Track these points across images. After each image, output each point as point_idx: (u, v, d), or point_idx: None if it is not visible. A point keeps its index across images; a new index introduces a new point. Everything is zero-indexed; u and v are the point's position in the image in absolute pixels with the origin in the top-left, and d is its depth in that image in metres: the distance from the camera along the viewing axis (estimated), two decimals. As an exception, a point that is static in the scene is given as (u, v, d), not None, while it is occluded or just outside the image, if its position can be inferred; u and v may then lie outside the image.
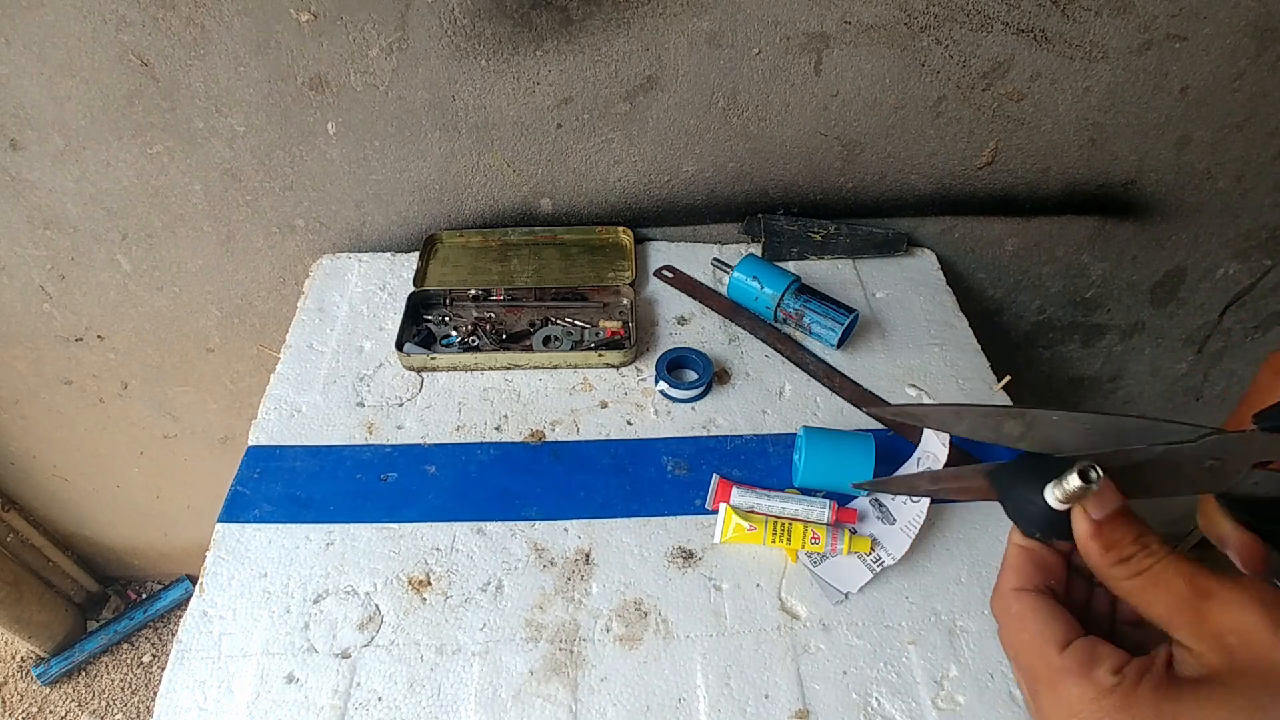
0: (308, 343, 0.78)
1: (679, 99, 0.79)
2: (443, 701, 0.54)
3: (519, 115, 0.80)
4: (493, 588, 0.60)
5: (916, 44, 0.76)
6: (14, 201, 0.85)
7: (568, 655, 0.56)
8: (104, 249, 0.91)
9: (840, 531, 0.61)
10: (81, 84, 0.75)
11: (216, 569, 0.61)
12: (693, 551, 0.62)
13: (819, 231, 0.86)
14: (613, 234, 0.88)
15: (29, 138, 0.80)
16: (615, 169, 0.85)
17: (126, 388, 1.10)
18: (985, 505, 0.63)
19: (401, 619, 0.58)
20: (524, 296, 0.81)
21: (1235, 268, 1.02)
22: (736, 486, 0.63)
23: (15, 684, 1.44)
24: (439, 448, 0.69)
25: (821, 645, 0.56)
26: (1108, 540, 0.28)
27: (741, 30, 0.74)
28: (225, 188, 0.85)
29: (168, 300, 0.98)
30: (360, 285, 0.85)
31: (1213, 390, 1.20)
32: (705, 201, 0.90)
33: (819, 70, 0.78)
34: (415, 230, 0.90)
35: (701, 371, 0.73)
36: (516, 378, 0.75)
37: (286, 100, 0.77)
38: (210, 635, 0.57)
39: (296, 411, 0.72)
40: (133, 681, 1.46)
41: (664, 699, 0.54)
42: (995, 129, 0.83)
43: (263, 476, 0.66)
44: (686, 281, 0.85)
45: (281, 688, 0.54)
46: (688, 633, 0.57)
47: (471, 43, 0.74)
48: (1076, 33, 0.76)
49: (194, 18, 0.71)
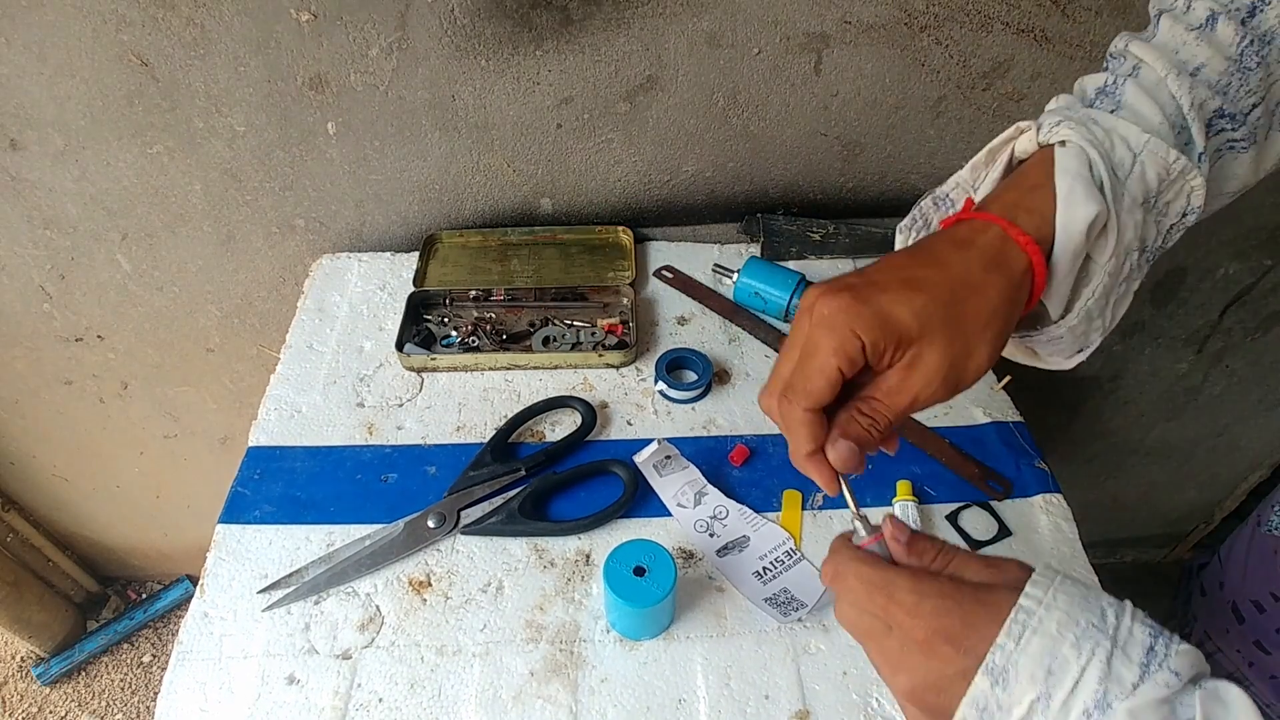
0: (308, 343, 0.78)
1: (679, 99, 0.79)
2: (443, 702, 0.54)
3: (519, 115, 0.80)
4: (493, 588, 0.60)
5: (916, 44, 0.76)
6: (14, 201, 0.85)
7: (568, 656, 0.56)
8: (104, 249, 0.91)
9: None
10: (81, 84, 0.75)
11: (217, 570, 0.61)
12: (693, 552, 0.62)
13: (818, 231, 0.86)
14: (613, 234, 0.88)
15: (29, 138, 0.80)
16: (615, 169, 0.85)
17: (126, 388, 1.10)
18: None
19: (402, 620, 0.58)
20: (524, 296, 0.81)
21: (1235, 267, 1.02)
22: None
23: (15, 684, 1.44)
24: (439, 448, 0.69)
25: (822, 646, 0.56)
26: (917, 550, 0.39)
27: (741, 30, 0.74)
28: (225, 188, 0.85)
29: (168, 300, 0.98)
30: (360, 285, 0.85)
31: (1212, 390, 1.21)
32: (705, 201, 0.89)
33: (819, 70, 0.78)
34: (415, 230, 0.90)
35: (701, 372, 0.73)
36: (516, 378, 0.75)
37: (286, 100, 0.77)
38: (211, 636, 0.57)
39: (296, 412, 0.72)
40: (133, 681, 1.46)
41: (664, 700, 0.54)
42: (995, 129, 0.83)
43: (263, 477, 0.66)
44: (686, 282, 0.85)
45: (282, 689, 0.54)
46: (688, 633, 0.57)
47: (471, 43, 0.74)
48: (1076, 33, 0.76)
49: (194, 18, 0.71)
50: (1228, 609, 0.82)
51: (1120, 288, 0.43)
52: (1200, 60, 0.43)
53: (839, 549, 0.40)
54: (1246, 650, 0.81)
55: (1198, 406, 1.23)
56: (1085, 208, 0.39)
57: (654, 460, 0.65)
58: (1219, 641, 0.84)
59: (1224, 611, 0.83)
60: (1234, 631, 0.82)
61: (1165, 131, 0.42)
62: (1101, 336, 0.44)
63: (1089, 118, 0.42)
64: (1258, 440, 1.30)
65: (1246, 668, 0.81)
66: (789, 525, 0.63)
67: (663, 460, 0.66)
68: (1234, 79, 0.42)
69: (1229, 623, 0.82)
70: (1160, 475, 1.37)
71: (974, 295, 0.39)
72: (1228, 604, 0.82)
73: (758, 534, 0.62)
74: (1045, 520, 0.63)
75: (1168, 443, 1.30)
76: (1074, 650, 0.32)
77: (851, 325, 0.39)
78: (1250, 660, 0.81)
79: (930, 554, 0.38)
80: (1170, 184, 0.41)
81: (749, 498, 0.65)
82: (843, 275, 0.41)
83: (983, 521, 0.63)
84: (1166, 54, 0.43)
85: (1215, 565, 0.86)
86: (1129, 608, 0.33)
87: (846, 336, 0.39)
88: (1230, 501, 1.44)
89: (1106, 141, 0.41)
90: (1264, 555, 0.79)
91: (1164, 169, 0.41)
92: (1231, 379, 1.19)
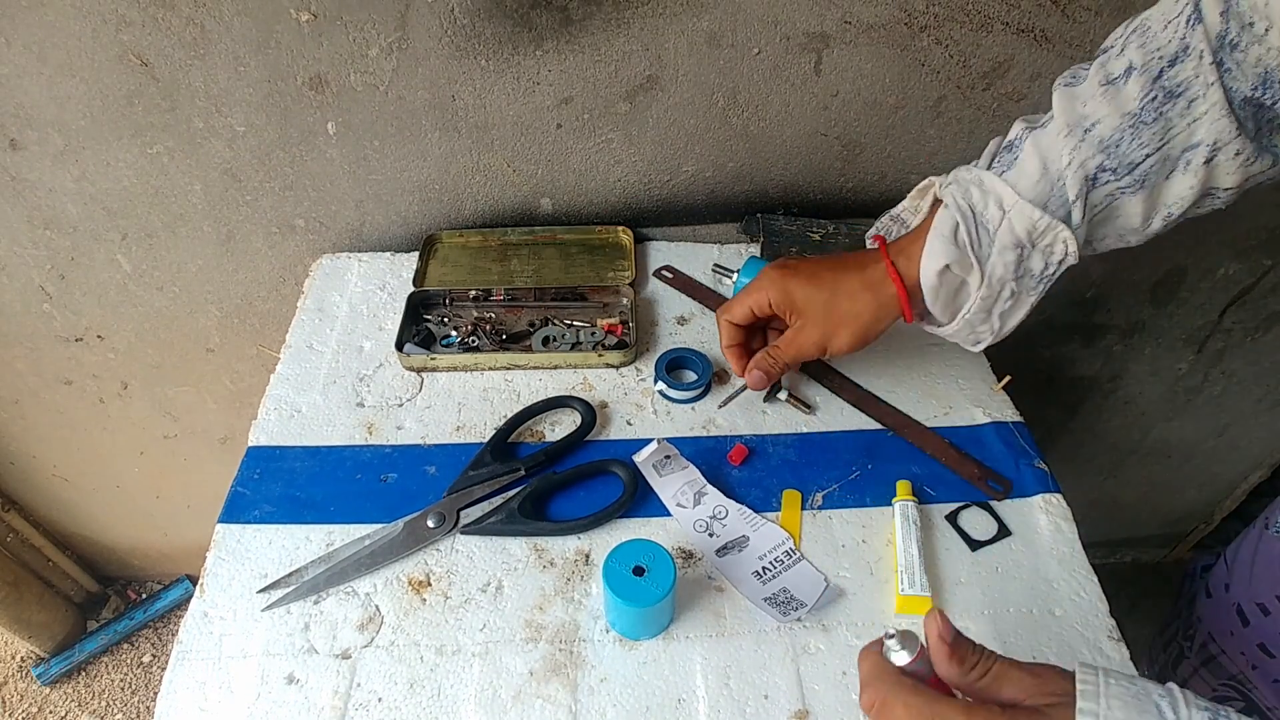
0: (308, 343, 0.78)
1: (679, 99, 0.79)
2: (443, 702, 0.54)
3: (519, 115, 0.80)
4: (493, 588, 0.60)
5: (916, 44, 0.76)
6: (14, 201, 0.85)
7: (567, 656, 0.56)
8: (104, 249, 0.91)
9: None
10: (81, 84, 0.75)
11: (217, 569, 0.61)
12: (692, 552, 0.62)
13: (818, 231, 0.86)
14: (612, 234, 0.88)
15: (29, 138, 0.80)
16: (615, 169, 0.85)
17: (126, 388, 1.10)
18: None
19: (401, 619, 0.58)
20: (524, 296, 0.81)
21: (1235, 267, 1.02)
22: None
23: (15, 684, 1.44)
24: (439, 448, 0.69)
25: (821, 646, 0.56)
26: (959, 656, 0.38)
27: (741, 30, 0.74)
28: (225, 188, 0.85)
29: (168, 300, 0.98)
30: (360, 285, 0.85)
31: (1213, 390, 1.21)
32: (705, 201, 0.90)
33: (819, 70, 0.78)
34: (415, 230, 0.90)
35: (701, 372, 0.73)
36: (516, 378, 0.75)
37: (286, 100, 0.77)
38: (211, 636, 0.57)
39: (296, 412, 0.72)
40: (133, 681, 1.46)
41: (664, 699, 0.54)
42: (995, 129, 0.83)
43: (263, 477, 0.67)
44: (686, 282, 0.85)
45: (282, 688, 0.54)
46: (687, 633, 0.57)
47: (471, 43, 0.74)
48: (1076, 33, 0.76)
49: (194, 18, 0.71)
50: (1233, 611, 0.82)
51: (1005, 304, 0.56)
52: (1097, 117, 0.51)
53: (878, 674, 0.39)
54: (1251, 653, 0.80)
55: (1198, 406, 1.23)
56: (937, 259, 0.55)
57: (653, 460, 0.65)
58: (1223, 644, 0.84)
59: (1229, 614, 0.82)
60: (1238, 634, 0.81)
61: (1044, 188, 0.52)
62: (994, 336, 0.59)
63: (977, 180, 0.55)
64: (1258, 440, 1.30)
65: (1250, 671, 0.81)
66: (788, 525, 0.63)
67: (662, 460, 0.66)
68: (1125, 135, 0.50)
69: (1233, 625, 0.82)
70: (1160, 475, 1.37)
71: (847, 300, 0.61)
72: (1233, 606, 0.82)
73: (757, 534, 0.62)
74: (1045, 520, 0.63)
75: (1168, 443, 1.30)
76: None
77: (767, 290, 0.64)
78: (1254, 663, 0.80)
79: (971, 662, 0.38)
80: (1040, 234, 0.52)
81: (748, 498, 0.65)
82: (795, 258, 0.66)
83: (982, 521, 0.63)
84: (1074, 108, 0.51)
85: (1221, 567, 0.86)
86: (1179, 697, 0.34)
87: (762, 295, 0.64)
88: (1230, 502, 1.44)
89: (981, 203, 0.54)
90: (1271, 558, 0.78)
91: (1030, 224, 0.52)
92: (1231, 379, 1.19)
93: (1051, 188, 0.52)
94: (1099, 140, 0.50)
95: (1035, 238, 0.52)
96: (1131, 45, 0.50)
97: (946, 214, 0.55)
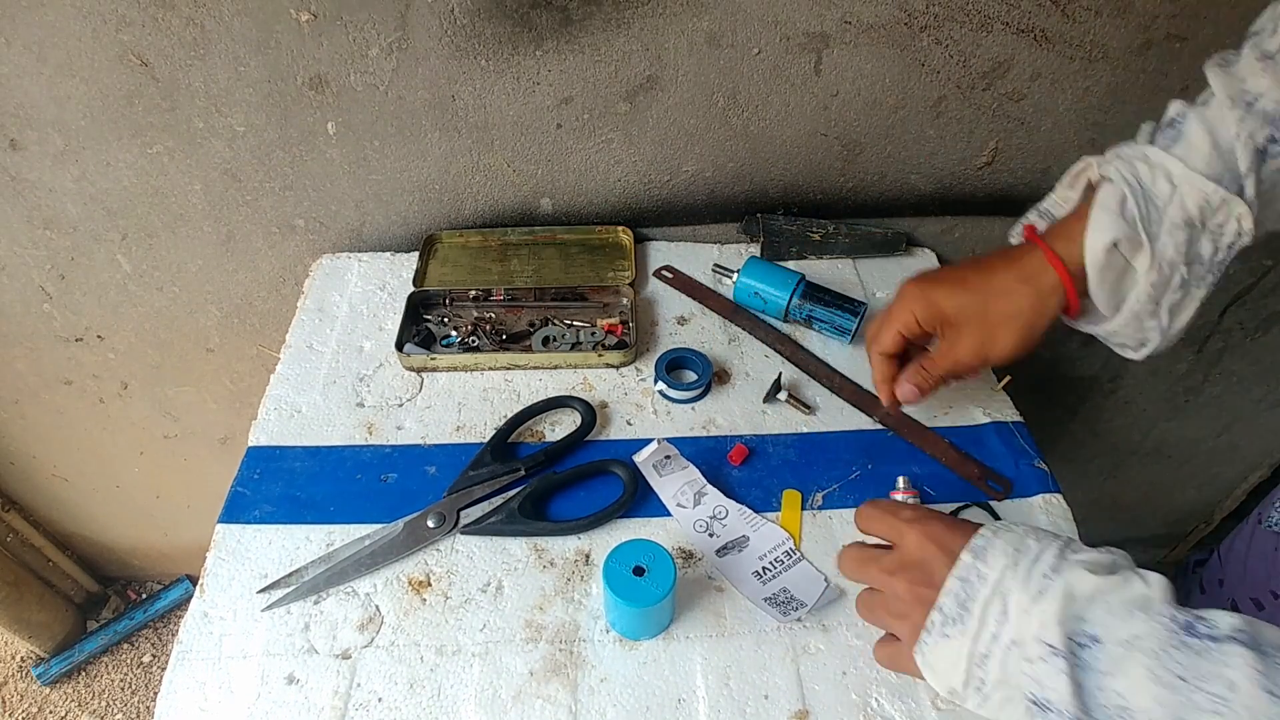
0: (308, 343, 0.78)
1: (679, 99, 0.79)
2: (443, 702, 0.54)
3: (519, 115, 0.80)
4: (493, 588, 0.60)
5: (916, 44, 0.76)
6: (14, 201, 0.85)
7: (568, 656, 0.56)
8: (104, 249, 0.91)
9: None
10: (81, 84, 0.75)
11: (217, 569, 0.61)
12: (692, 552, 0.62)
13: (818, 231, 0.86)
14: (612, 234, 0.88)
15: (29, 138, 0.80)
16: (615, 169, 0.85)
17: (126, 388, 1.10)
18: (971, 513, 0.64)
19: (401, 620, 0.58)
20: (524, 296, 0.81)
21: (1235, 268, 1.01)
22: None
23: (15, 684, 1.44)
24: (439, 448, 0.69)
25: (821, 645, 0.56)
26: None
27: (741, 30, 0.74)
28: (225, 188, 0.85)
29: (168, 300, 0.98)
30: (360, 285, 0.85)
31: (1213, 390, 1.20)
32: (705, 201, 0.90)
33: (819, 70, 0.78)
34: (415, 230, 0.90)
35: (701, 372, 0.73)
36: (516, 378, 0.75)
37: (286, 100, 0.77)
38: (211, 636, 0.57)
39: (296, 412, 0.72)
40: (133, 681, 1.46)
41: (664, 699, 0.54)
42: (995, 129, 0.83)
43: (263, 477, 0.67)
44: (686, 282, 0.85)
45: (282, 688, 0.54)
46: (687, 633, 0.57)
47: (471, 43, 0.74)
48: (1076, 33, 0.76)
49: (194, 18, 0.71)
50: (1227, 606, 0.82)
51: (1174, 295, 0.52)
52: (1259, 90, 0.49)
53: (898, 505, 0.50)
54: None
55: (1198, 406, 1.23)
56: (1105, 233, 0.51)
57: (653, 460, 0.65)
58: None
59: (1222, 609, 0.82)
60: None
61: (1214, 162, 0.49)
62: (1162, 336, 0.54)
63: (1141, 154, 0.51)
64: (1258, 440, 1.30)
65: None
66: (788, 525, 0.63)
67: (662, 460, 0.66)
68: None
69: None
70: (1160, 475, 1.37)
71: (1002, 299, 0.56)
72: (1227, 601, 0.82)
73: (757, 534, 0.62)
74: (1045, 520, 0.63)
75: (1168, 443, 1.30)
76: (1034, 541, 0.42)
77: (911, 307, 0.59)
78: None
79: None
80: (1214, 210, 0.49)
81: (748, 498, 0.65)
82: (935, 269, 0.67)
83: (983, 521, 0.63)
84: (1234, 83, 0.49)
85: (1215, 562, 0.86)
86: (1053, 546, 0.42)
87: (907, 313, 0.60)
88: (1230, 502, 1.44)
89: (1149, 176, 0.50)
90: (1264, 552, 0.78)
91: (1203, 199, 0.49)
92: (1231, 379, 1.19)
93: (1223, 161, 0.49)
94: (1264, 113, 0.48)
95: (1207, 214, 0.49)
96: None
97: (1112, 188, 0.51)
